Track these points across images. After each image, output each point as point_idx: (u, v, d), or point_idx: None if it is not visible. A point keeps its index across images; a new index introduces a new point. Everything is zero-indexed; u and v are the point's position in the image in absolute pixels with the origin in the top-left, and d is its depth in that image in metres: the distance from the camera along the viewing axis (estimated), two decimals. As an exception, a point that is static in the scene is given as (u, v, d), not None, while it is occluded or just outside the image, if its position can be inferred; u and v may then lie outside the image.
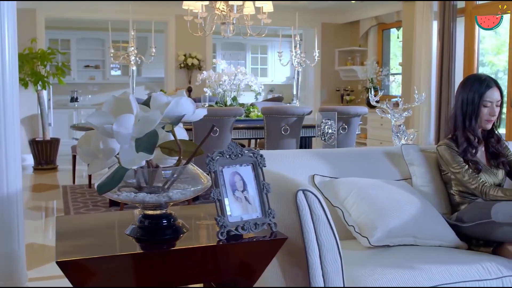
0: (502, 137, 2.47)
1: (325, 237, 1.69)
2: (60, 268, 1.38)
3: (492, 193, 2.21)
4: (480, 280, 1.94)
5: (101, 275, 1.43)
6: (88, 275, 1.41)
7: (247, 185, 1.58)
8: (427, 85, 6.50)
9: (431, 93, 6.47)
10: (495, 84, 2.35)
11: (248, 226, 1.54)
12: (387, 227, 2.10)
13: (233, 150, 1.59)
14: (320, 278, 1.69)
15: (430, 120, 6.45)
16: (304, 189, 1.68)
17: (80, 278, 1.41)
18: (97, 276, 1.42)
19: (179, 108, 1.48)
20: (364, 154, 2.59)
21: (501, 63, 6.17)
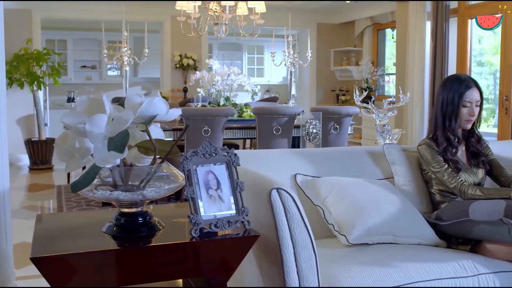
0: (482, 137, 2.50)
1: (300, 235, 1.71)
2: (35, 265, 1.41)
3: (471, 192, 2.24)
4: (456, 277, 1.96)
5: (75, 271, 1.45)
6: (62, 272, 1.44)
7: (221, 184, 1.61)
8: (421, 85, 6.52)
9: (424, 93, 6.50)
10: (475, 85, 2.38)
11: (221, 224, 1.56)
12: (366, 225, 2.12)
13: (207, 149, 1.62)
14: (295, 275, 1.72)
15: (424, 120, 6.47)
16: (278, 187, 1.70)
17: (55, 275, 1.43)
18: (71, 273, 1.45)
19: (152, 108, 1.51)
20: (347, 153, 2.62)
21: (499, 63, 6.17)
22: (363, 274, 1.85)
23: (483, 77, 6.62)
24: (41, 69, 6.83)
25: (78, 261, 1.44)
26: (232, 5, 5.15)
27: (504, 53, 5.63)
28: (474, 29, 6.13)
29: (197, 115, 4.53)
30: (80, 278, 1.47)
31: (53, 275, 1.44)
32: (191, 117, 4.54)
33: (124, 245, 1.51)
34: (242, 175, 1.92)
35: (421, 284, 1.89)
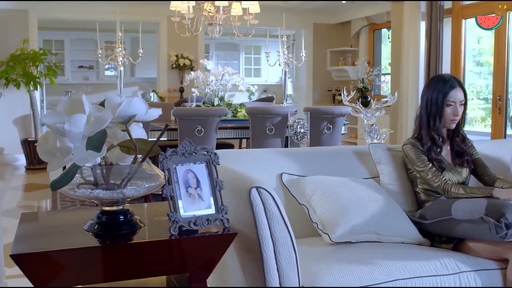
0: (467, 136, 2.52)
1: (279, 233, 1.73)
2: (15, 262, 1.44)
3: (454, 191, 2.26)
4: (437, 275, 1.98)
5: (56, 269, 1.47)
6: (42, 269, 1.46)
7: (201, 182, 1.63)
8: (415, 85, 6.54)
9: (418, 93, 6.51)
10: (459, 85, 2.40)
11: (200, 222, 1.59)
12: (349, 224, 2.14)
13: (187, 149, 1.64)
14: (275, 272, 1.74)
15: (418, 120, 6.48)
16: (257, 186, 1.72)
17: (35, 272, 1.45)
18: (52, 270, 1.47)
19: (131, 108, 1.53)
20: (333, 153, 2.64)
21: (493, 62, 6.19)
22: (344, 272, 1.87)
23: (482, 77, 6.63)
24: (38, 69, 6.86)
25: (58, 258, 1.46)
26: (226, 6, 5.17)
27: (498, 53, 5.65)
28: (474, 29, 6.14)
29: (190, 115, 4.56)
30: (61, 276, 1.49)
31: (33, 273, 1.46)
32: (184, 117, 4.56)
33: (104, 243, 1.53)
34: (225, 174, 1.95)
35: (402, 282, 1.91)
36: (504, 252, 2.07)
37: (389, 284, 1.89)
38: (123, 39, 9.42)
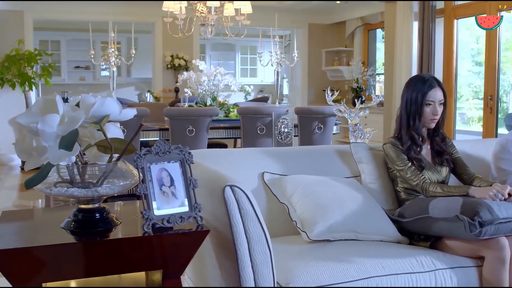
0: (447, 136, 2.55)
1: (254, 231, 1.76)
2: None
3: (432, 190, 2.29)
4: (412, 273, 2.01)
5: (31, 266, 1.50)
6: (17, 266, 1.49)
7: (175, 181, 1.66)
8: (408, 85, 6.56)
9: (412, 93, 6.53)
10: (438, 84, 2.42)
11: (173, 219, 1.62)
12: (328, 222, 2.17)
13: (161, 148, 1.67)
14: (250, 269, 1.77)
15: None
16: (231, 184, 1.75)
17: (10, 269, 1.48)
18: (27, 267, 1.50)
19: (105, 108, 1.56)
20: (315, 152, 2.67)
21: (484, 62, 6.21)
22: (319, 270, 1.90)
23: (481, 76, 6.64)
24: (33, 69, 6.89)
25: (32, 255, 1.49)
26: (218, 6, 5.20)
27: (489, 53, 5.67)
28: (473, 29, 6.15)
29: (181, 115, 4.59)
30: (36, 273, 1.52)
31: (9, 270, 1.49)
32: (175, 117, 4.59)
33: (79, 240, 1.56)
34: (202, 172, 1.98)
35: (376, 279, 1.94)
36: (480, 249, 2.10)
37: (363, 281, 1.91)
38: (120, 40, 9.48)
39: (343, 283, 1.88)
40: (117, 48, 9.31)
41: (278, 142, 2.95)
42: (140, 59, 9.59)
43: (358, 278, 1.92)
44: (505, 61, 5.90)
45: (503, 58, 5.82)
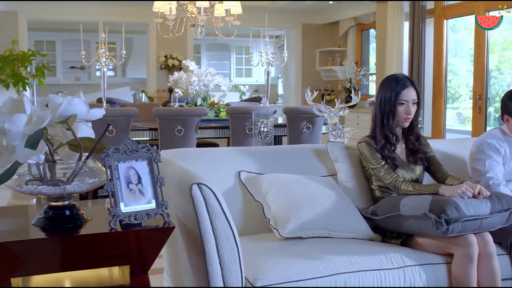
0: (422, 135, 2.58)
1: (221, 228, 1.80)
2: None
3: (403, 188, 2.32)
4: (381, 269, 2.05)
5: (0, 260, 1.55)
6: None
7: (142, 179, 1.70)
8: (399, 85, 6.60)
9: (402, 93, 6.57)
10: (411, 84, 2.46)
11: (140, 216, 1.66)
12: (300, 220, 2.21)
13: (129, 147, 1.71)
14: (217, 265, 1.81)
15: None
16: (198, 182, 1.79)
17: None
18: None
19: (72, 108, 1.61)
20: (293, 151, 2.71)
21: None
22: (288, 266, 1.93)
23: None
24: (27, 70, 6.94)
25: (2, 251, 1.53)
26: (207, 7, 5.24)
27: (477, 53, 5.71)
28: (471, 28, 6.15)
29: (170, 115, 4.63)
30: (4, 267, 1.56)
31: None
32: (164, 117, 4.63)
33: (47, 236, 1.61)
34: (173, 171, 2.02)
35: (344, 276, 1.97)
36: (449, 247, 2.14)
37: (331, 278, 1.95)
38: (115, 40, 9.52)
39: (311, 280, 1.92)
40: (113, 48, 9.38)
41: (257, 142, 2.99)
42: (135, 60, 9.65)
43: (326, 274, 1.95)
44: (503, 61, 5.92)
45: (501, 58, 5.85)
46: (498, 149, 2.57)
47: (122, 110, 4.62)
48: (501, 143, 2.60)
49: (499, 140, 2.61)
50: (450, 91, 6.73)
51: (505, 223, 2.19)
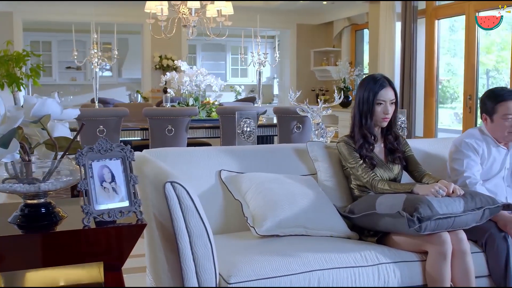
0: (400, 135, 2.62)
1: (195, 225, 1.84)
2: None
3: (380, 187, 2.36)
4: (355, 266, 2.08)
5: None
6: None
7: (116, 177, 1.74)
8: (391, 85, 6.63)
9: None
10: (389, 84, 2.49)
11: (113, 214, 1.69)
12: (277, 218, 2.25)
13: (103, 146, 1.74)
14: (191, 262, 1.85)
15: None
16: (172, 181, 1.83)
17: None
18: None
19: (45, 108, 1.64)
20: (274, 151, 2.74)
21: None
22: (263, 263, 1.97)
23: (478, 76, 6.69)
24: (21, 70, 6.97)
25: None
26: (198, 8, 5.28)
27: (468, 53, 5.74)
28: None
29: (160, 115, 4.67)
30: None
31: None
32: (154, 117, 4.67)
33: (23, 233, 1.64)
34: (151, 169, 2.06)
35: (318, 273, 2.00)
36: (423, 244, 2.17)
37: (305, 275, 1.98)
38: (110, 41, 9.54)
39: (285, 276, 1.95)
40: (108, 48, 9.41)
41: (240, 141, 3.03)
42: (131, 60, 9.69)
43: (300, 271, 1.99)
44: (501, 60, 5.94)
45: (499, 58, 5.88)
46: (476, 148, 2.61)
47: (112, 110, 4.66)
48: (480, 142, 2.63)
49: (477, 139, 2.64)
50: (449, 91, 6.77)
51: (479, 221, 2.23)
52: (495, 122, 2.57)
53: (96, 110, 4.76)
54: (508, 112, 2.52)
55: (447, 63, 6.69)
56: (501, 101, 2.56)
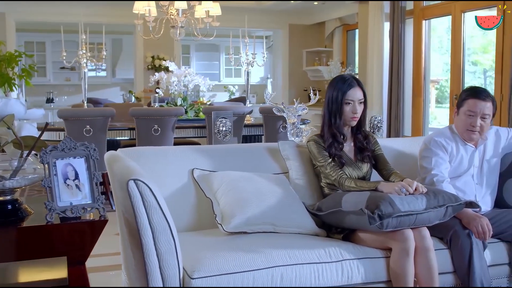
0: (371, 134, 2.67)
1: (158, 222, 1.89)
2: None
3: (347, 184, 2.41)
4: (319, 262, 2.13)
5: None
6: None
7: (79, 175, 1.80)
8: (379, 85, 6.69)
9: (383, 93, 6.66)
10: (358, 84, 2.54)
11: (76, 210, 1.75)
12: (245, 215, 2.30)
13: (67, 145, 1.80)
14: (155, 257, 1.90)
15: (383, 118, 6.62)
16: (135, 178, 1.88)
17: None
18: None
19: (8, 108, 1.70)
20: (248, 150, 2.79)
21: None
22: (227, 259, 2.02)
23: (476, 76, 6.71)
24: (13, 71, 7.02)
25: None
26: (186, 9, 5.33)
27: (454, 53, 5.79)
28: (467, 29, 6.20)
29: (146, 115, 4.72)
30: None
31: None
32: (141, 116, 4.72)
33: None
34: (119, 168, 2.11)
35: (281, 268, 2.05)
36: (387, 241, 2.23)
37: (268, 270, 2.03)
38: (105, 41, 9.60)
39: (248, 272, 2.00)
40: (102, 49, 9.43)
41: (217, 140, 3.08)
42: (124, 60, 9.74)
43: (263, 267, 2.04)
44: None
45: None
46: (445, 146, 2.65)
47: (99, 110, 4.71)
48: (449, 141, 2.68)
49: (447, 138, 2.69)
50: (447, 90, 6.79)
51: (442, 218, 2.28)
52: (460, 116, 2.64)
53: (82, 110, 4.82)
54: (472, 109, 2.57)
55: (445, 63, 6.71)
56: (471, 98, 2.61)
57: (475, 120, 2.57)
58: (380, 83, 6.68)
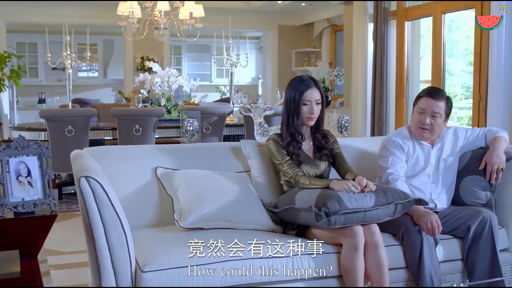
0: (330, 133, 2.74)
1: (109, 217, 1.97)
2: None
3: (302, 182, 2.49)
4: (269, 257, 2.20)
5: None
6: None
7: (32, 172, 1.88)
8: (363, 85, 6.77)
9: (367, 93, 6.74)
10: (315, 85, 2.62)
11: (27, 205, 1.84)
12: (202, 212, 2.38)
13: (20, 143, 1.89)
14: (106, 252, 1.98)
15: (366, 118, 6.71)
16: (86, 176, 1.96)
17: None
18: None
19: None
20: (210, 149, 2.88)
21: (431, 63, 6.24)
22: (178, 252, 2.10)
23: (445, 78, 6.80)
24: (3, 71, 7.10)
25: None
26: (168, 10, 5.42)
27: (435, 55, 5.86)
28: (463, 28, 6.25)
29: (127, 115, 4.81)
30: None
31: None
32: (122, 117, 4.81)
33: None
34: (76, 166, 2.20)
35: (232, 263, 2.13)
36: (338, 237, 2.30)
37: (218, 264, 2.11)
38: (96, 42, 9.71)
39: (198, 266, 2.09)
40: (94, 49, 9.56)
41: (184, 141, 3.16)
42: (116, 61, 9.84)
43: (214, 261, 2.12)
44: None
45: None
46: (402, 146, 2.73)
47: (80, 111, 4.81)
48: (406, 140, 2.76)
49: (404, 138, 2.77)
50: (446, 90, 6.85)
51: (392, 215, 2.35)
52: (414, 114, 2.72)
53: (64, 111, 4.91)
54: (423, 107, 2.65)
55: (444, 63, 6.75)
56: (423, 96, 2.70)
57: (424, 117, 2.65)
58: (364, 83, 6.76)
